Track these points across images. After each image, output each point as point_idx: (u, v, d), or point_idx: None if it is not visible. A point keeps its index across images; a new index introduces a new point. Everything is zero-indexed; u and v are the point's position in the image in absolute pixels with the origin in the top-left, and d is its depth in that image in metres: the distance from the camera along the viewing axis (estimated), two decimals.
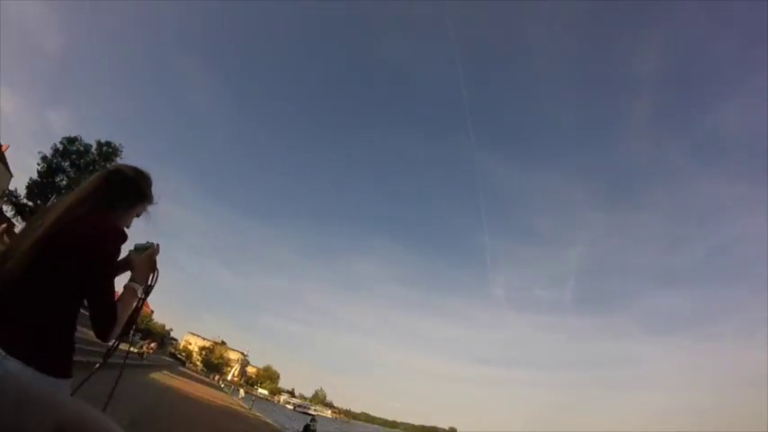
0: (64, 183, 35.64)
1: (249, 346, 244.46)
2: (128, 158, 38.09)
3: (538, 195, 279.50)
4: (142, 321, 77.00)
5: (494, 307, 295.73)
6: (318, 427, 19.05)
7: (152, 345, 33.30)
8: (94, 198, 1.68)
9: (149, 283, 1.88)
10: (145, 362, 25.60)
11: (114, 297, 1.64)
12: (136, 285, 1.79)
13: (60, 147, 36.38)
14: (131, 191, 1.82)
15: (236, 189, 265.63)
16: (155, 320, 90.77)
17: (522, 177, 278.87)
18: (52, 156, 35.98)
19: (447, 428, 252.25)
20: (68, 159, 36.33)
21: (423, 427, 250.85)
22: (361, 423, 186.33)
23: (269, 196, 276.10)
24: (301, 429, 15.39)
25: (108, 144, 37.97)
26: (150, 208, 1.91)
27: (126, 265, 1.83)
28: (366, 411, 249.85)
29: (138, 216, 1.87)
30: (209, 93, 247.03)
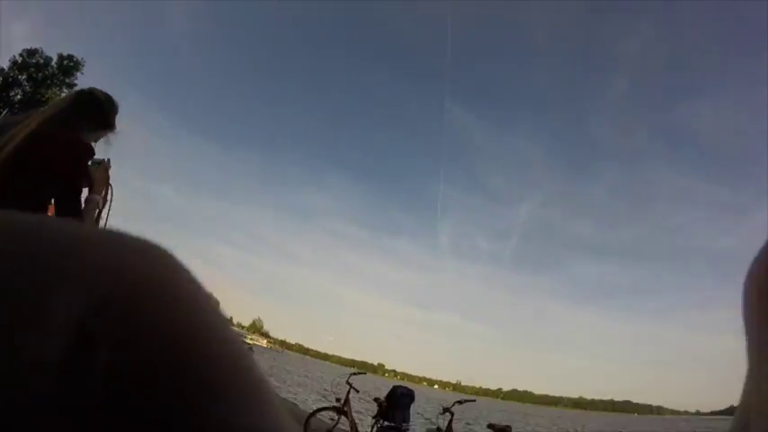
0: (18, 97, 34.77)
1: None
2: (88, 74, 37.69)
3: (498, 151, 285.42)
4: None
5: (437, 253, 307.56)
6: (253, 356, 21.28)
7: None
8: (65, 115, 1.75)
9: (106, 197, 1.91)
10: None
11: (81, 209, 1.73)
12: (96, 197, 1.84)
13: (19, 59, 35.12)
14: (99, 115, 1.87)
15: (195, 111, 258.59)
16: None
17: (487, 132, 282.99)
18: (9, 68, 34.82)
19: (375, 364, 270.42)
20: (26, 73, 35.25)
21: (352, 360, 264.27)
22: (294, 354, 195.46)
23: (230, 121, 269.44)
24: None
25: (70, 58, 36.75)
26: (111, 136, 1.96)
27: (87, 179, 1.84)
28: (301, 343, 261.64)
29: (95, 141, 1.90)
30: (181, 15, 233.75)
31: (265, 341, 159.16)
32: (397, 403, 6.16)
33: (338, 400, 6.61)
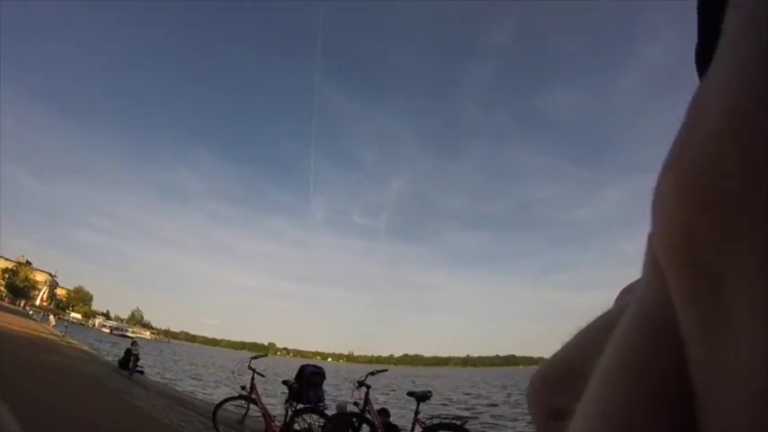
0: None
1: (58, 265, 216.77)
2: None
3: (370, 128, 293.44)
4: None
5: (313, 229, 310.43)
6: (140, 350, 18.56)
7: None
8: None
9: None
10: None
11: None
12: None
13: None
14: None
15: (54, 83, 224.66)
16: None
17: (358, 109, 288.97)
18: None
19: (266, 344, 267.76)
20: None
21: (242, 342, 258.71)
22: (181, 342, 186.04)
23: (92, 94, 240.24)
24: (122, 355, 14.65)
25: None
26: None
27: None
28: (185, 330, 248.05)
29: None
30: None
31: (148, 332, 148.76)
32: (308, 382, 6.04)
33: (243, 387, 6.40)
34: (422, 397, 5.48)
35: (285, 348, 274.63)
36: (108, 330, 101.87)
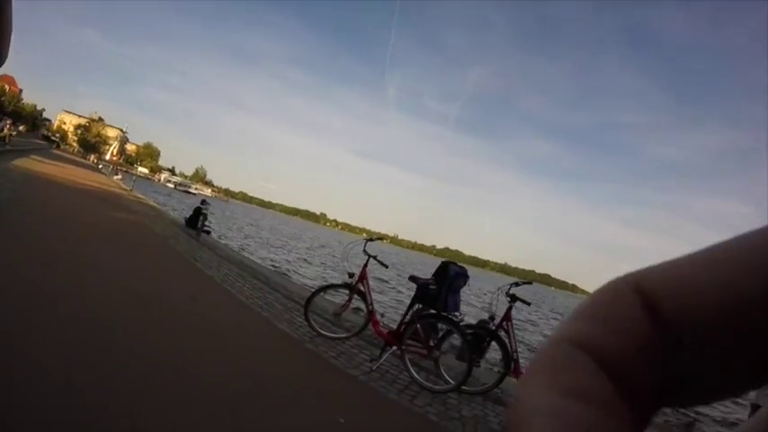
0: None
1: (128, 122, 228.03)
2: None
3: (460, 6, 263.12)
4: (9, 103, 67.03)
5: (383, 105, 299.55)
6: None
7: (9, 125, 30.95)
8: None
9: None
10: (8, 147, 24.11)
11: None
12: None
13: None
14: None
15: None
16: (24, 101, 79.09)
17: None
18: None
19: (318, 213, 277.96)
20: None
21: (296, 209, 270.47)
22: (238, 202, 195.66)
23: None
24: (190, 213, 13.92)
25: None
26: None
27: None
28: (244, 191, 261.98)
29: None
30: None
31: (209, 190, 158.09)
32: (450, 285, 4.74)
33: (351, 275, 5.23)
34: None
35: (335, 220, 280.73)
36: (172, 186, 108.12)
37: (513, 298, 4.83)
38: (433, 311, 4.70)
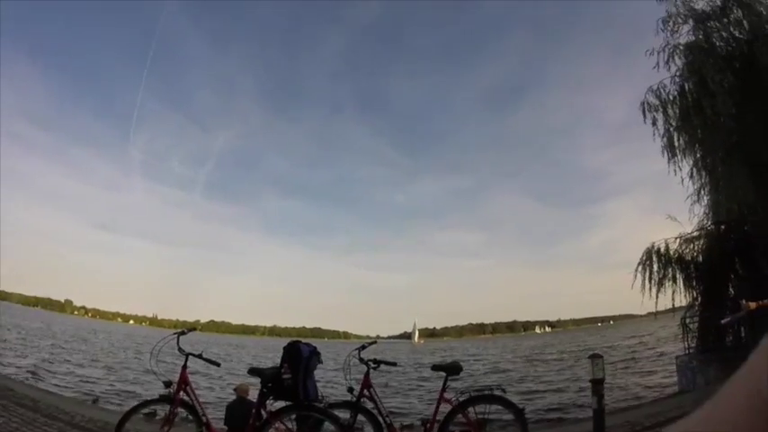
0: None
1: None
2: None
3: (211, 70, 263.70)
4: None
5: (127, 170, 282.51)
6: None
7: None
8: None
9: None
10: None
11: None
12: None
13: None
14: None
15: None
16: None
17: (203, 45, 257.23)
18: None
19: (63, 301, 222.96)
20: None
21: (36, 298, 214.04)
22: None
23: None
24: None
25: None
26: None
27: None
28: None
29: None
30: None
31: None
32: (306, 368, 3.95)
33: (167, 384, 4.15)
34: (452, 370, 4.47)
35: (83, 307, 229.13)
36: None
37: (375, 362, 4.48)
38: (292, 404, 3.92)
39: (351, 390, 4.42)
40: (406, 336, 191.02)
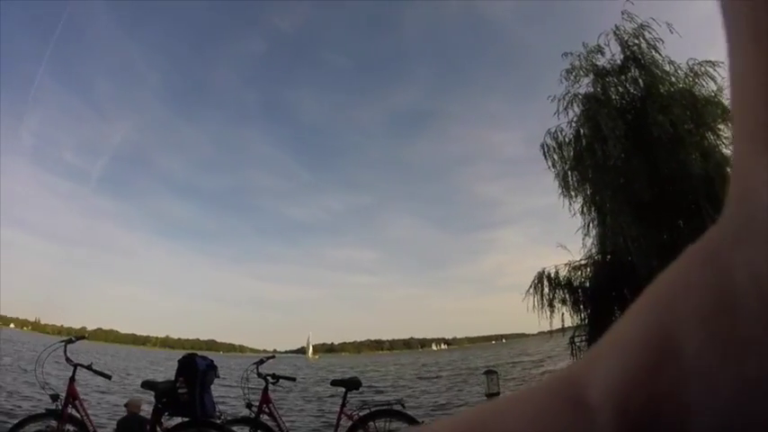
0: None
1: None
2: None
3: (116, 55, 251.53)
4: None
5: (14, 153, 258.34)
6: None
7: None
8: None
9: None
10: None
11: None
12: None
13: None
14: None
15: None
16: None
17: (110, 28, 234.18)
18: None
19: None
20: None
21: None
22: None
23: None
24: None
25: None
26: None
27: None
28: None
29: None
30: None
31: None
32: (203, 383, 3.87)
33: (55, 397, 3.91)
34: (352, 385, 4.53)
35: None
36: None
37: (274, 377, 4.47)
38: (189, 420, 3.79)
39: (249, 406, 4.35)
40: (304, 351, 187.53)
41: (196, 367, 3.83)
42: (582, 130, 10.45)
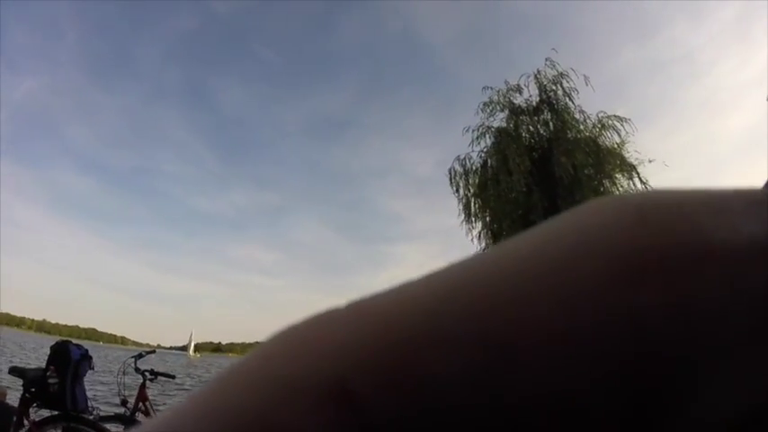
0: None
1: None
2: None
3: (36, 5, 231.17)
4: None
5: None
6: None
7: None
8: None
9: None
10: None
11: None
12: None
13: None
14: None
15: None
16: None
17: None
18: None
19: None
20: None
21: None
22: None
23: None
24: None
25: None
26: None
27: None
28: None
29: None
30: None
31: None
32: (75, 373, 3.57)
33: None
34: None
35: None
36: None
37: (152, 373, 4.10)
38: (59, 414, 3.47)
39: (125, 402, 4.02)
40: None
41: (69, 356, 3.51)
42: (489, 161, 11.16)
